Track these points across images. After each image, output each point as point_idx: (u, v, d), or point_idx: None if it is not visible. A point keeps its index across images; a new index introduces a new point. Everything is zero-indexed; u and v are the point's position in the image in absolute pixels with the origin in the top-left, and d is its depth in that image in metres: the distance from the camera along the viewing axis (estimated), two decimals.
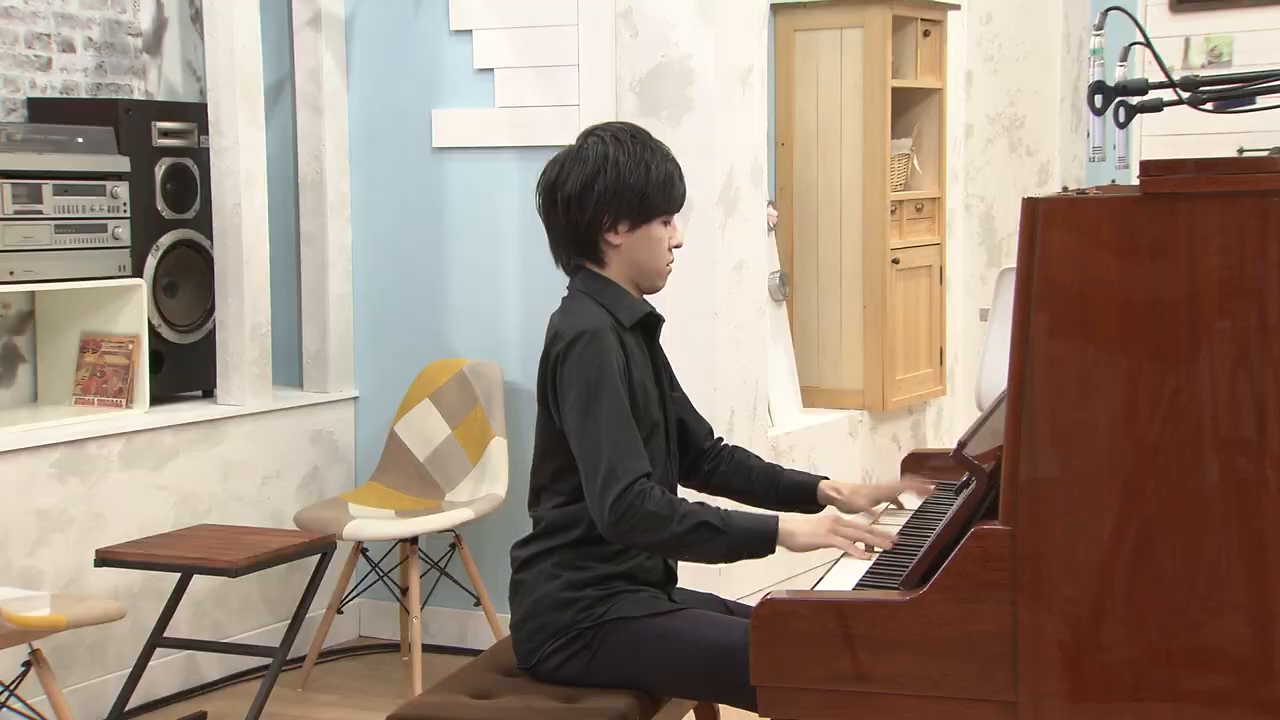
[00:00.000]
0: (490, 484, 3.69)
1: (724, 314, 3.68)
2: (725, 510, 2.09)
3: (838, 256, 4.46)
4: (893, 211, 4.45)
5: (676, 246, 2.20)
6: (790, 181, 4.47)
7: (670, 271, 2.21)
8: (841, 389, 4.47)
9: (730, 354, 3.72)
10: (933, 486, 2.39)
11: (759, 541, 2.07)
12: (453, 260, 3.96)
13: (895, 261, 4.44)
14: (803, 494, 2.33)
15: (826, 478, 2.35)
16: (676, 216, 2.22)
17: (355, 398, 4.07)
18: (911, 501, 2.38)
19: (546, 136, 3.77)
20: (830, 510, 2.30)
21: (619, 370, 2.08)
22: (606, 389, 2.05)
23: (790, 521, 2.11)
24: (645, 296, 2.24)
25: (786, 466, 2.47)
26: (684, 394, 2.35)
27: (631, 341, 2.16)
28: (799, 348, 4.48)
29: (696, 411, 2.37)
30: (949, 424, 5.01)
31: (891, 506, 2.35)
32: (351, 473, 4.06)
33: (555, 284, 3.86)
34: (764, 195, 3.90)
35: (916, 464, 2.53)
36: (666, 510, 2.04)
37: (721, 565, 2.14)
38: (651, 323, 2.22)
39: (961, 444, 1.93)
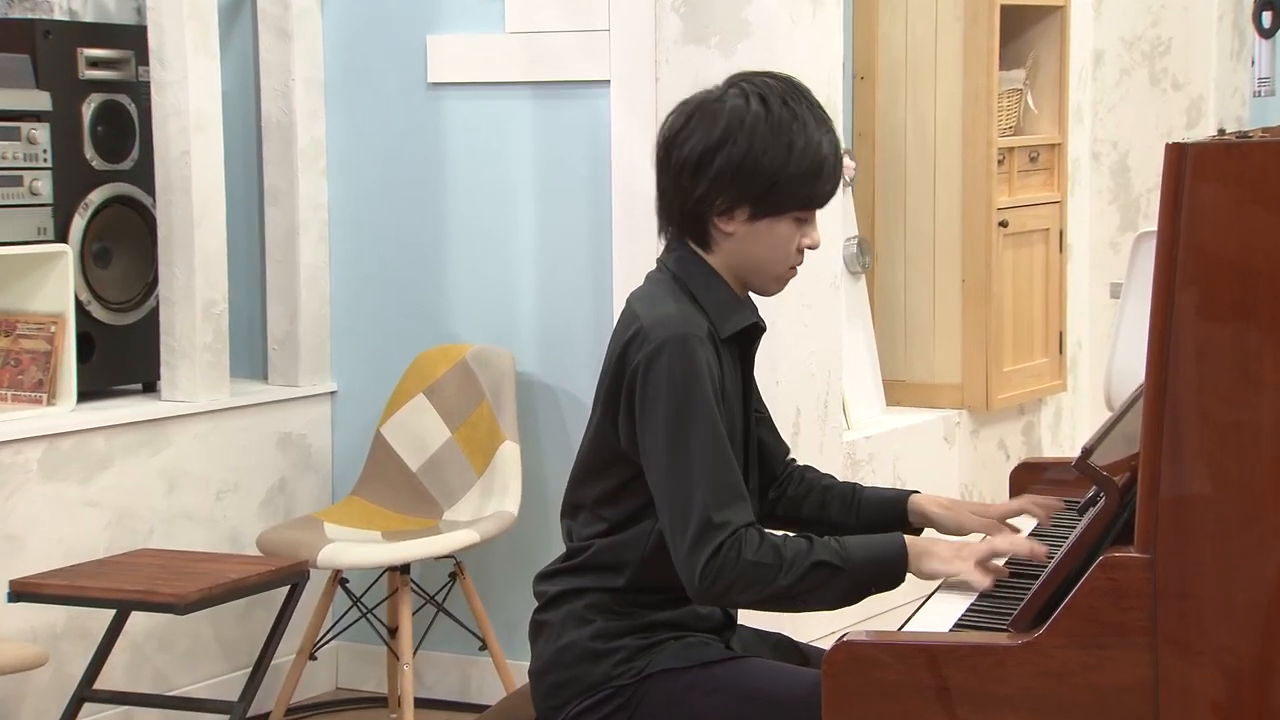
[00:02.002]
0: (499, 499, 3.70)
1: (788, 291, 3.53)
2: (839, 541, 2.08)
3: (930, 218, 4.45)
4: (1000, 161, 4.42)
5: (810, 248, 2.18)
6: (871, 125, 4.46)
7: (793, 277, 2.20)
8: (935, 383, 4.46)
9: (796, 340, 3.73)
10: (1063, 503, 2.38)
11: (886, 571, 2.07)
12: (453, 223, 3.97)
13: (1003, 224, 4.43)
14: (890, 514, 2.33)
15: (916, 491, 2.35)
16: (820, 212, 2.19)
17: (332, 393, 4.10)
18: (1028, 525, 2.37)
19: (568, 69, 3.78)
20: (973, 535, 2.30)
21: (716, 390, 2.07)
22: (702, 414, 2.05)
23: (920, 542, 2.10)
24: (752, 296, 2.24)
25: (865, 482, 2.45)
26: (766, 412, 2.36)
27: (726, 353, 2.16)
28: (881, 332, 4.48)
29: (776, 431, 2.38)
30: (1070, 427, 4.99)
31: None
32: (328, 485, 4.09)
33: (580, 253, 3.92)
34: (839, 141, 3.88)
35: (1029, 477, 2.52)
36: (771, 557, 2.03)
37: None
38: (751, 333, 2.21)
39: (1086, 451, 1.91)
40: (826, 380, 3.81)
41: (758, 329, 2.22)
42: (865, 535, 2.12)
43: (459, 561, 3.74)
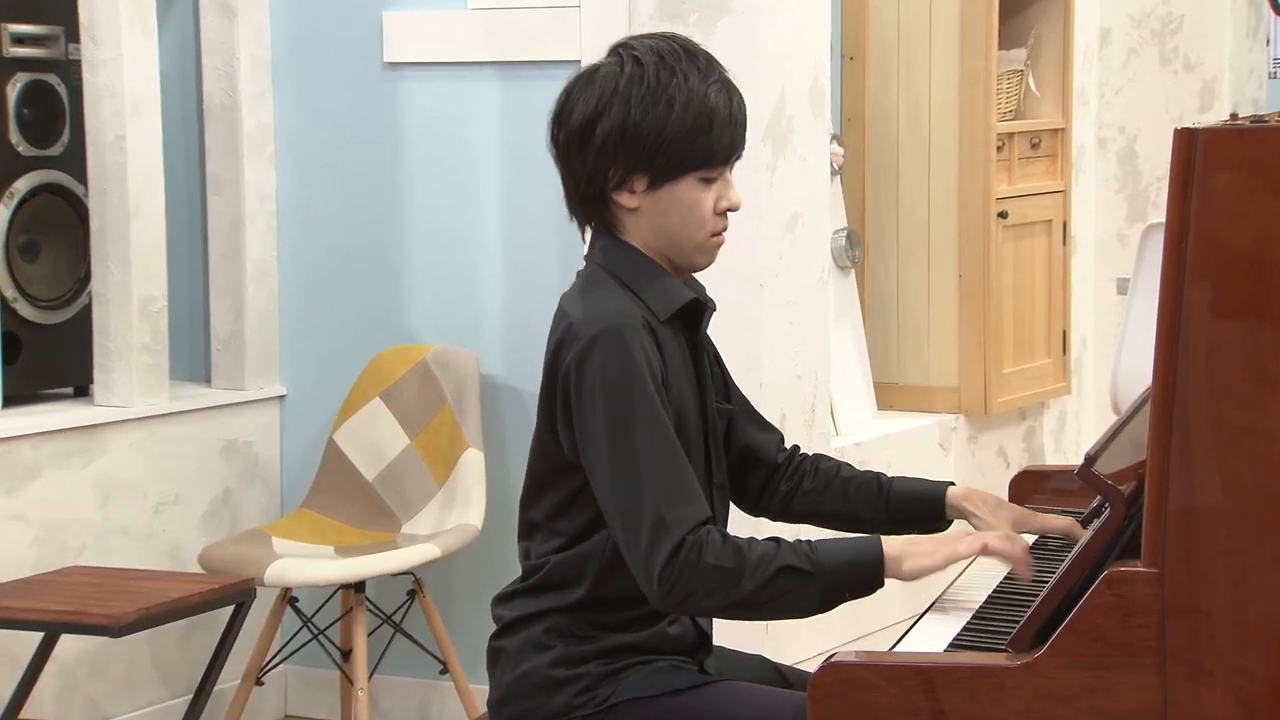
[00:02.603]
0: (462, 511, 3.70)
1: (772, 286, 3.69)
2: (810, 542, 2.07)
3: (925, 209, 4.46)
4: (1000, 148, 4.45)
5: (729, 210, 2.17)
6: (861, 109, 4.48)
7: (718, 245, 2.19)
8: (929, 385, 4.48)
9: (780, 338, 3.73)
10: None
11: (862, 575, 2.05)
12: (412, 214, 3.97)
13: (1003, 215, 4.45)
14: (924, 509, 2.31)
15: (952, 483, 2.33)
16: (732, 165, 2.18)
17: (281, 397, 4.09)
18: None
19: (536, 48, 3.78)
20: (960, 525, 2.28)
21: (656, 381, 2.07)
22: (643, 410, 2.04)
23: (898, 542, 2.08)
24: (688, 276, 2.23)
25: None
26: (743, 400, 2.35)
27: (669, 338, 2.15)
28: (872, 330, 4.49)
29: (761, 418, 2.38)
30: (1075, 432, 5.01)
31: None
32: (276, 497, 4.08)
33: (550, 246, 3.91)
34: (826, 128, 3.89)
35: (1030, 486, 2.52)
36: (734, 561, 2.02)
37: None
38: (694, 312, 2.21)
39: (1090, 458, 1.91)
40: (813, 382, 3.82)
41: (700, 306, 2.21)
42: (840, 538, 2.11)
43: (418, 578, 3.73)
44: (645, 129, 2.10)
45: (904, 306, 4.49)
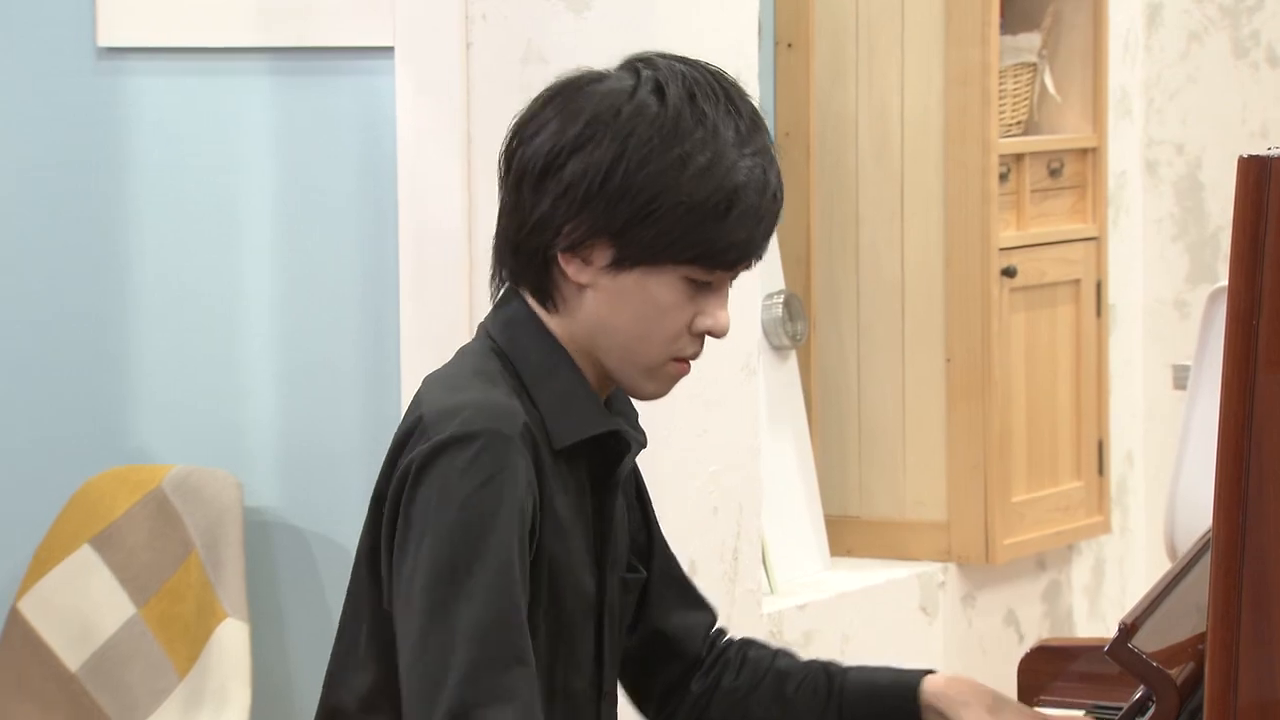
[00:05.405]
0: (216, 711, 3.66)
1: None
2: None
3: (896, 263, 4.47)
4: (1005, 175, 4.46)
5: (709, 334, 2.21)
6: (804, 118, 4.49)
7: (680, 375, 2.22)
8: (906, 521, 4.48)
9: (689, 454, 3.73)
10: None
11: None
12: (141, 267, 3.96)
13: (1009, 273, 4.47)
14: (890, 710, 2.35)
15: (930, 671, 2.37)
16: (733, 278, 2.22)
17: None
18: None
19: (329, 31, 3.79)
20: None
21: (528, 524, 2.10)
22: (491, 556, 2.07)
23: None
24: (619, 391, 2.26)
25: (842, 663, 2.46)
26: (669, 562, 2.39)
27: (563, 472, 2.18)
28: (823, 441, 4.49)
29: (692, 591, 2.42)
30: (1116, 589, 5.02)
31: None
32: None
33: (349, 314, 3.86)
34: None
35: (1048, 668, 2.52)
36: None
37: None
38: (613, 449, 2.23)
39: (1127, 629, 1.94)
40: (737, 517, 3.82)
41: (621, 441, 2.23)
42: None
43: None
44: (637, 185, 2.13)
45: (868, 405, 4.49)
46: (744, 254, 2.18)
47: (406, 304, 3.76)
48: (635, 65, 2.19)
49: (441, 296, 3.64)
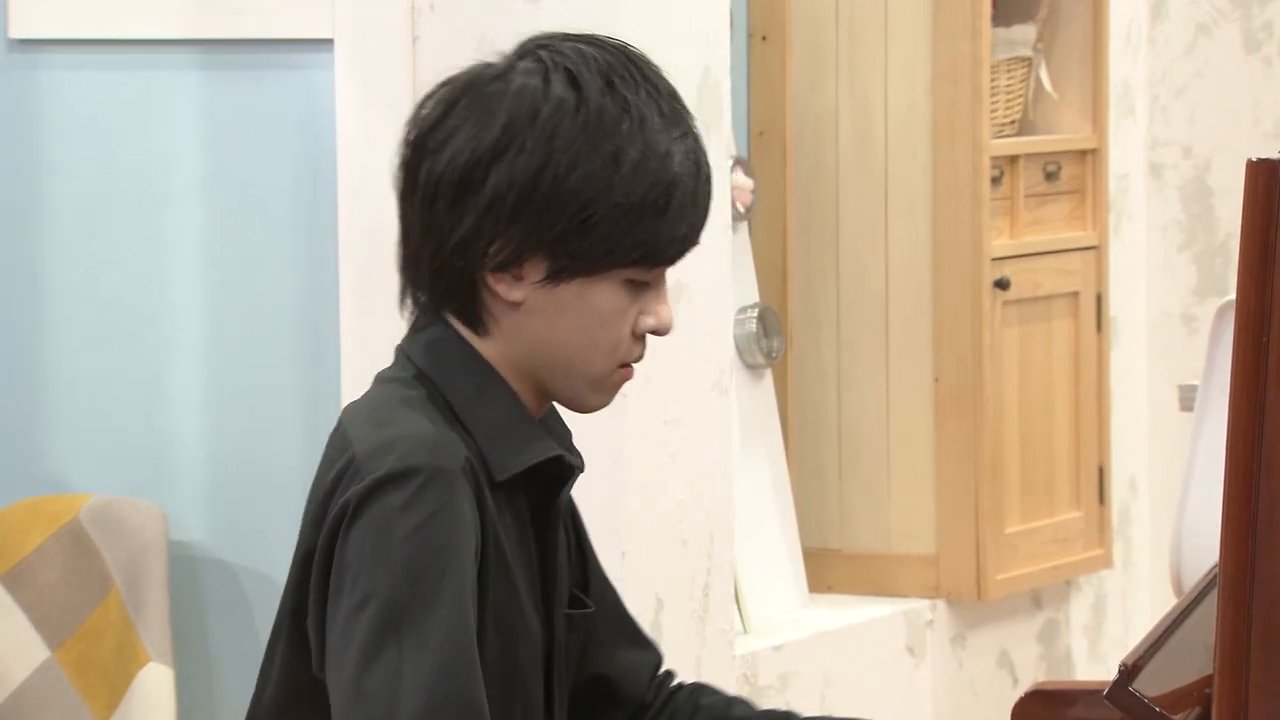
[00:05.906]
0: None
1: (642, 397, 3.69)
2: None
3: (880, 274, 4.49)
4: (997, 178, 4.48)
5: (653, 333, 2.24)
6: (780, 117, 4.51)
7: (624, 381, 2.25)
8: (891, 554, 4.49)
9: (654, 480, 3.75)
10: None
11: None
12: (57, 280, 3.97)
13: (1003, 284, 4.48)
14: None
15: None
16: (670, 270, 2.25)
17: None
18: None
19: (264, 22, 3.81)
20: None
21: (474, 563, 2.11)
22: (445, 593, 2.07)
23: None
24: (557, 411, 2.29)
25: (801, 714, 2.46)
26: (610, 599, 2.40)
27: (502, 504, 2.19)
28: (801, 467, 4.50)
29: (635, 629, 2.44)
30: (1119, 627, 5.04)
31: None
32: None
33: (284, 330, 3.86)
34: (725, 146, 3.93)
35: (1044, 713, 2.50)
36: None
37: None
38: (555, 476, 2.25)
39: (1128, 670, 1.92)
40: (708, 549, 3.83)
41: (564, 468, 2.23)
42: None
43: None
44: (567, 191, 2.14)
45: (850, 429, 4.51)
46: (686, 245, 2.20)
47: (348, 317, 3.77)
48: (536, 53, 2.18)
49: (386, 309, 3.58)
